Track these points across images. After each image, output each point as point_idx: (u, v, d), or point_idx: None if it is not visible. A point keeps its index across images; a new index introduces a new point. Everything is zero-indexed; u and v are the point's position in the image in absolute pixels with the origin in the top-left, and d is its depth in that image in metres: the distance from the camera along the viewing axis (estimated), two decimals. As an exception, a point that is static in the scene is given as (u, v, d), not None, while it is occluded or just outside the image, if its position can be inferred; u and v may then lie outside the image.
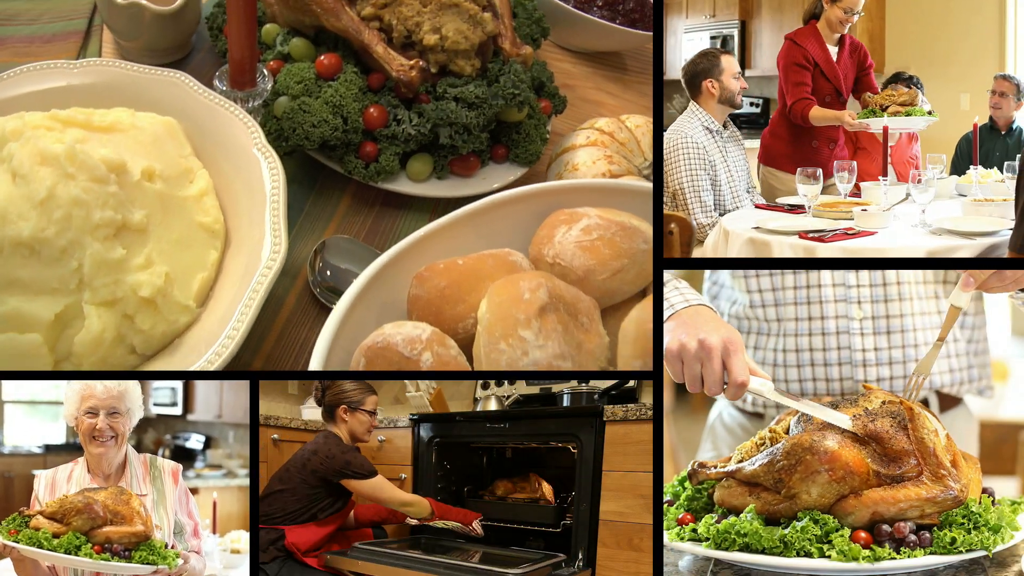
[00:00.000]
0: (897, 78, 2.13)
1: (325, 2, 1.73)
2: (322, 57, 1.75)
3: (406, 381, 1.98)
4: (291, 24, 1.83)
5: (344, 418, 1.71)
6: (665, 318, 1.28)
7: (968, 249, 1.69)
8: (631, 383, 1.65)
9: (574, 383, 1.71)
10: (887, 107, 2.13)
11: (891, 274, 1.44)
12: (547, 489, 1.77)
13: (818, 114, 2.30)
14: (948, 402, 1.51)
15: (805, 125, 2.29)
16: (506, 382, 1.89)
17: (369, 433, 1.75)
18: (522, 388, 1.86)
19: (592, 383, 1.68)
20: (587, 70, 2.33)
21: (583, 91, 2.26)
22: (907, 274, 1.44)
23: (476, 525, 1.70)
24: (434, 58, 1.73)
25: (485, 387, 1.94)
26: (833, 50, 2.40)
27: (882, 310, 1.43)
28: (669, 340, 1.23)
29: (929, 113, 2.08)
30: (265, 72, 1.71)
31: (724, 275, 1.61)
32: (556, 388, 1.77)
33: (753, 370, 1.19)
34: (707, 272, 1.72)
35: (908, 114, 2.03)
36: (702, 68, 2.28)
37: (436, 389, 1.99)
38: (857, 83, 2.45)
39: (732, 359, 1.18)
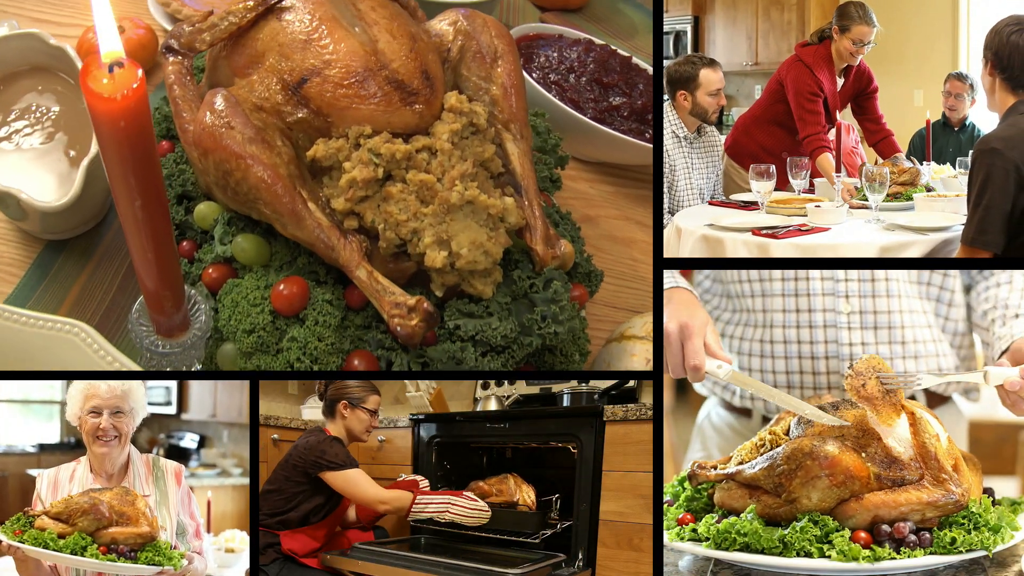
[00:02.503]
0: (898, 159, 2.11)
1: (279, 204, 1.23)
2: (280, 286, 1.25)
3: (406, 381, 1.98)
4: (232, 208, 1.33)
5: (344, 414, 1.69)
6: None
7: (921, 244, 1.71)
8: (631, 383, 1.65)
9: (574, 383, 1.72)
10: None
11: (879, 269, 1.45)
12: (526, 492, 1.71)
13: (825, 164, 2.24)
14: (936, 400, 1.51)
15: (809, 158, 2.27)
16: (506, 382, 1.89)
17: (368, 433, 1.72)
18: (522, 388, 1.86)
19: (592, 383, 1.68)
20: (608, 189, 1.91)
21: (608, 224, 1.83)
22: (896, 271, 1.44)
23: (468, 496, 1.59)
24: (441, 279, 1.28)
25: (485, 387, 1.94)
26: (839, 80, 2.38)
27: (870, 305, 1.43)
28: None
29: (928, 190, 2.05)
30: (199, 302, 1.26)
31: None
32: (556, 388, 1.77)
33: (713, 352, 1.23)
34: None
35: (908, 196, 1.97)
36: (680, 77, 2.25)
37: (436, 389, 1.99)
38: (858, 107, 2.43)
39: (687, 344, 1.23)
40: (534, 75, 1.88)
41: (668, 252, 1.90)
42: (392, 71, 1.29)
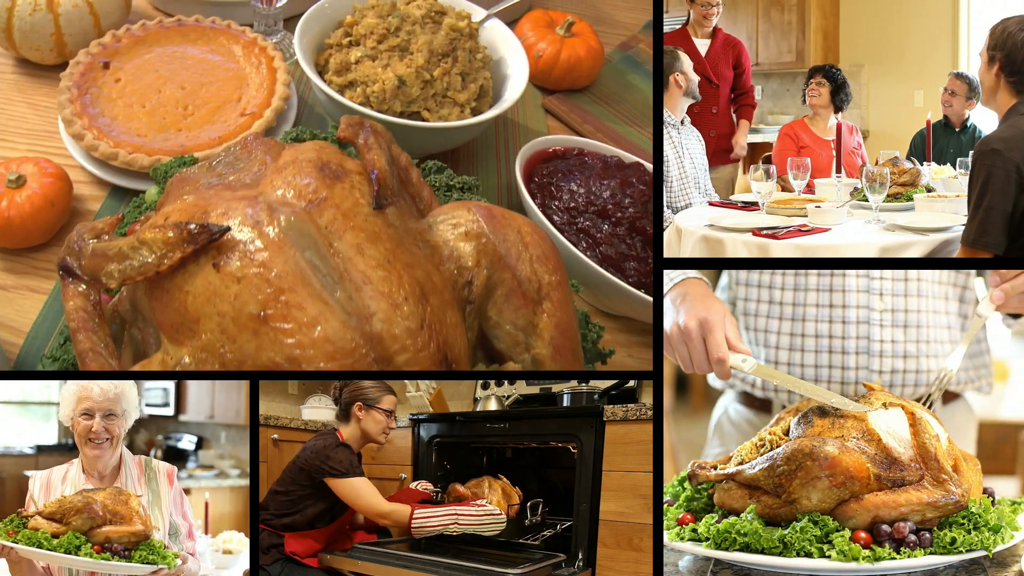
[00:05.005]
0: (898, 159, 2.12)
1: None
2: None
3: (406, 381, 1.98)
4: None
5: (358, 416, 1.66)
6: (667, 290, 1.31)
7: (921, 245, 1.72)
8: (631, 383, 1.65)
9: (574, 383, 1.71)
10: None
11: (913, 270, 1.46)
12: (500, 498, 1.67)
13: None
14: (947, 396, 1.53)
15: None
16: (506, 382, 1.89)
17: (384, 435, 1.68)
18: (522, 388, 1.86)
19: (592, 383, 1.68)
20: (638, 339, 1.67)
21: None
22: (926, 273, 1.46)
23: (475, 504, 1.56)
24: None
25: (485, 387, 1.94)
26: (703, 43, 2.54)
27: (902, 304, 1.45)
28: (666, 323, 1.26)
29: (928, 190, 2.06)
30: None
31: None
32: (556, 388, 1.77)
33: (733, 345, 1.22)
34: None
35: (909, 197, 1.98)
36: (666, 64, 2.32)
37: (436, 389, 1.99)
38: (734, 82, 2.61)
39: (709, 338, 1.21)
40: (556, 218, 1.55)
41: (669, 251, 1.90)
42: (396, 369, 0.88)
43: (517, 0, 2.01)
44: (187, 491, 1.50)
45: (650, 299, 1.54)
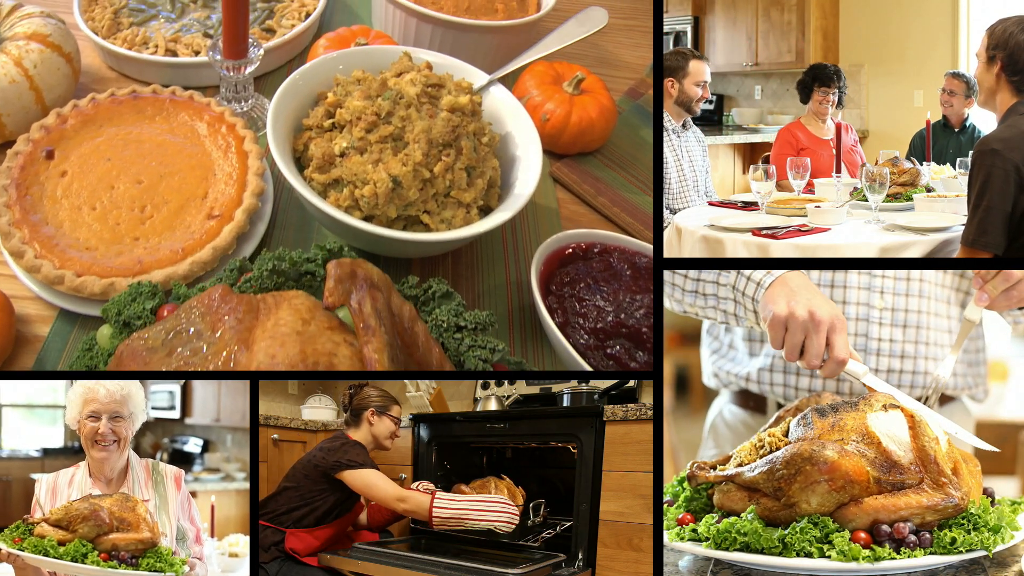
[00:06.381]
0: (898, 159, 2.11)
1: None
2: None
3: (406, 381, 1.98)
4: None
5: (371, 421, 1.71)
6: (767, 284, 1.26)
7: (921, 245, 1.73)
8: (631, 383, 1.65)
9: (574, 383, 1.72)
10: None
11: (915, 270, 1.46)
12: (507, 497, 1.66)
13: None
14: (944, 398, 1.53)
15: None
16: (506, 382, 1.89)
17: (391, 440, 1.74)
18: (522, 388, 1.86)
19: (592, 383, 1.68)
20: None
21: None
22: (929, 273, 1.46)
23: (495, 499, 1.54)
24: None
25: (485, 387, 1.94)
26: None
27: (902, 303, 1.45)
28: (777, 305, 1.23)
29: (928, 190, 2.06)
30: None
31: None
32: (556, 388, 1.77)
33: (851, 352, 1.22)
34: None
35: (908, 197, 1.99)
36: (669, 65, 2.30)
37: (436, 389, 1.99)
38: None
39: (836, 336, 1.20)
40: (581, 341, 1.40)
41: (669, 251, 1.90)
42: None
43: (523, 64, 1.77)
44: (193, 494, 1.50)
45: None
